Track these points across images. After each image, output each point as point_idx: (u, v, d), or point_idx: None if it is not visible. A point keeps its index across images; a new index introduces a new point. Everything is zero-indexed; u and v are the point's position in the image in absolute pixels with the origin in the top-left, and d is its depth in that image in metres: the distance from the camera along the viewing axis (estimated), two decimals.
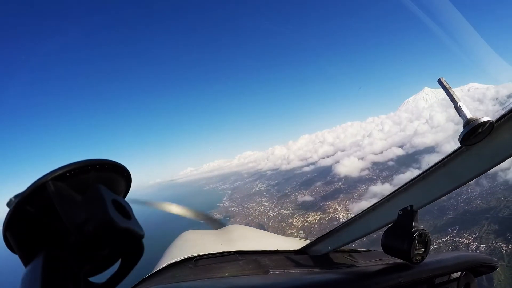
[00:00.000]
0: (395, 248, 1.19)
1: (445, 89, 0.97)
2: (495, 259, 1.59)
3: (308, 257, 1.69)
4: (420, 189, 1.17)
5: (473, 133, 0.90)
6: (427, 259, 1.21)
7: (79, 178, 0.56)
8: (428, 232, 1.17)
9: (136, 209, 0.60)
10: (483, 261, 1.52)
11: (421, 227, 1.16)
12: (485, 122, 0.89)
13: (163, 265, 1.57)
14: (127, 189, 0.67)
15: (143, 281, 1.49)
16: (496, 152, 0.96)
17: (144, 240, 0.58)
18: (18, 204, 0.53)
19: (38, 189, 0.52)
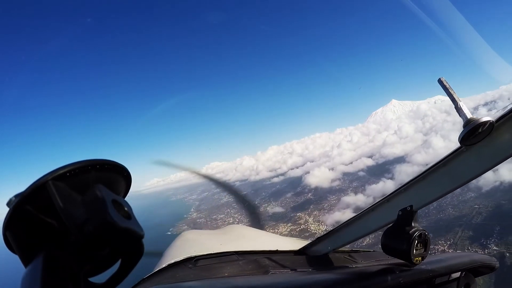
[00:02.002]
0: (394, 249, 1.19)
1: (445, 89, 0.97)
2: (495, 259, 1.59)
3: (307, 257, 1.68)
4: (420, 189, 1.17)
5: (473, 133, 0.90)
6: (427, 259, 1.21)
7: (79, 178, 0.55)
8: (427, 233, 1.17)
9: (136, 209, 0.60)
10: (483, 261, 1.52)
11: (421, 227, 1.16)
12: (485, 122, 0.89)
13: (163, 265, 1.57)
14: (127, 189, 0.67)
15: (143, 281, 1.49)
16: (496, 152, 0.96)
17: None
18: (18, 204, 0.53)
19: (38, 189, 0.52)
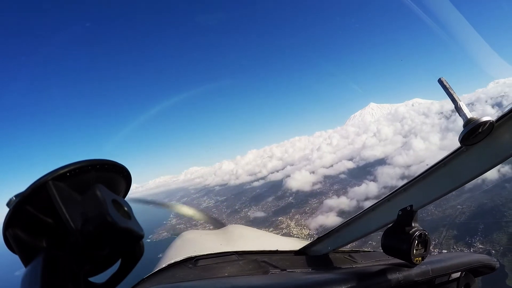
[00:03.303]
0: (394, 249, 1.19)
1: (445, 89, 0.97)
2: (495, 259, 1.59)
3: (307, 258, 1.68)
4: (420, 189, 1.17)
5: (473, 133, 0.90)
6: (427, 259, 1.21)
7: (79, 178, 0.55)
8: (428, 232, 1.17)
9: (135, 209, 0.60)
10: (483, 261, 1.52)
11: (421, 227, 1.16)
12: (485, 122, 0.89)
13: (163, 265, 1.57)
14: (127, 189, 0.67)
15: (143, 281, 1.49)
16: (496, 152, 0.96)
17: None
18: (18, 204, 0.53)
19: (38, 189, 0.52)
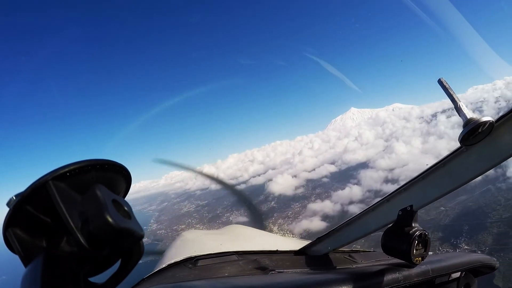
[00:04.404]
0: (395, 249, 1.19)
1: (445, 90, 0.97)
2: (495, 259, 1.59)
3: (307, 258, 1.68)
4: (420, 189, 1.17)
5: (473, 133, 0.90)
6: (427, 259, 1.21)
7: (79, 178, 0.55)
8: (428, 232, 1.17)
9: (136, 210, 0.60)
10: (483, 261, 1.52)
11: (421, 227, 1.16)
12: (485, 122, 0.89)
13: (163, 265, 1.57)
14: (127, 189, 0.67)
15: (143, 281, 1.49)
16: (496, 152, 0.96)
17: None
18: (18, 204, 0.53)
19: (38, 189, 0.52)
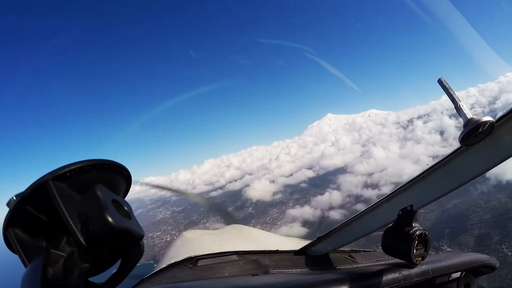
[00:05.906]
0: (395, 248, 1.19)
1: (445, 89, 0.97)
2: (495, 259, 1.59)
3: (308, 257, 1.68)
4: (420, 189, 1.17)
5: (473, 133, 0.90)
6: (427, 259, 1.21)
7: (79, 178, 0.55)
8: (428, 232, 1.17)
9: (135, 210, 0.60)
10: (483, 261, 1.52)
11: (421, 227, 1.16)
12: (485, 122, 0.89)
13: (163, 265, 1.57)
14: (127, 189, 0.67)
15: (143, 281, 1.49)
16: (496, 152, 0.96)
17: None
18: (18, 204, 0.52)
19: (38, 189, 0.52)
